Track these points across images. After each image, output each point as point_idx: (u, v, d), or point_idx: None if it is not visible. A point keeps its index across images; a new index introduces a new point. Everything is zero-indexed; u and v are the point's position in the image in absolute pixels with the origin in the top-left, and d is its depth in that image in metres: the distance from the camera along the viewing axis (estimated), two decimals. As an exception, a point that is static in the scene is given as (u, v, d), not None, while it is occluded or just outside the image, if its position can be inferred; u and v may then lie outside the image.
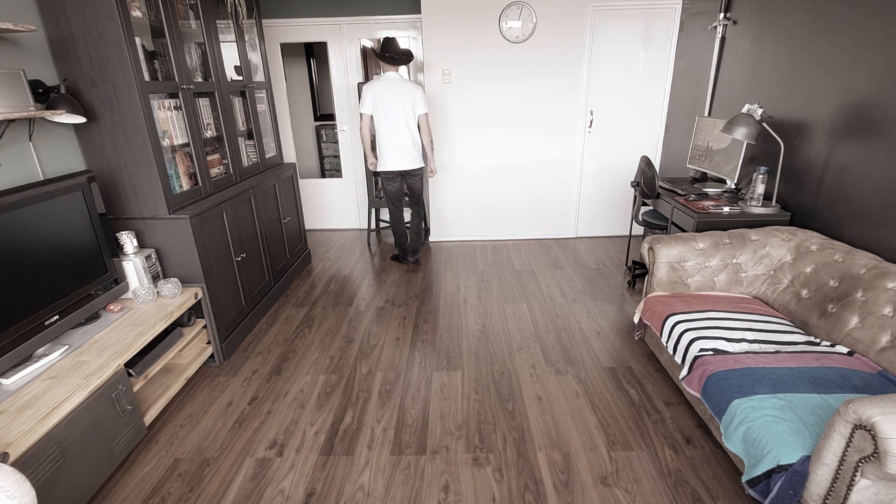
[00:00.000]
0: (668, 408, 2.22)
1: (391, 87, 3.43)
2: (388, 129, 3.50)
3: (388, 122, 3.49)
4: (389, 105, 3.45)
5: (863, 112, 2.21)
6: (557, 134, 4.29)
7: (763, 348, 1.96)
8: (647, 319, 2.42)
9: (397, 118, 3.48)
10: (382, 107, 3.46)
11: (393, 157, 3.57)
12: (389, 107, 3.45)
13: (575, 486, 1.82)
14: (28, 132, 2.06)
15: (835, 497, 1.35)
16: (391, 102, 3.44)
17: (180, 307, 2.35)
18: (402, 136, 3.53)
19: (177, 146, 2.56)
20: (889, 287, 1.85)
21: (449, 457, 1.98)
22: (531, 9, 3.90)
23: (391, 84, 3.44)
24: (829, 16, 2.40)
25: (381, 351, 2.77)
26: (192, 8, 2.69)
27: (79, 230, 2.06)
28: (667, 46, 4.03)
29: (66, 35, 2.09)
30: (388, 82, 3.44)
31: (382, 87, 3.43)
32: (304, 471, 1.93)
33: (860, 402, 1.27)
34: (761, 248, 2.42)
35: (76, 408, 1.71)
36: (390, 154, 3.56)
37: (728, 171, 2.97)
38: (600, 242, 4.48)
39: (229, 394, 2.42)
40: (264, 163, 3.48)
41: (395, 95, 3.44)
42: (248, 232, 3.02)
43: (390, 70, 3.46)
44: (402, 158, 3.58)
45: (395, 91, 3.44)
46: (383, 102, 3.45)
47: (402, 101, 3.46)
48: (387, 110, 3.46)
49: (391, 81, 3.44)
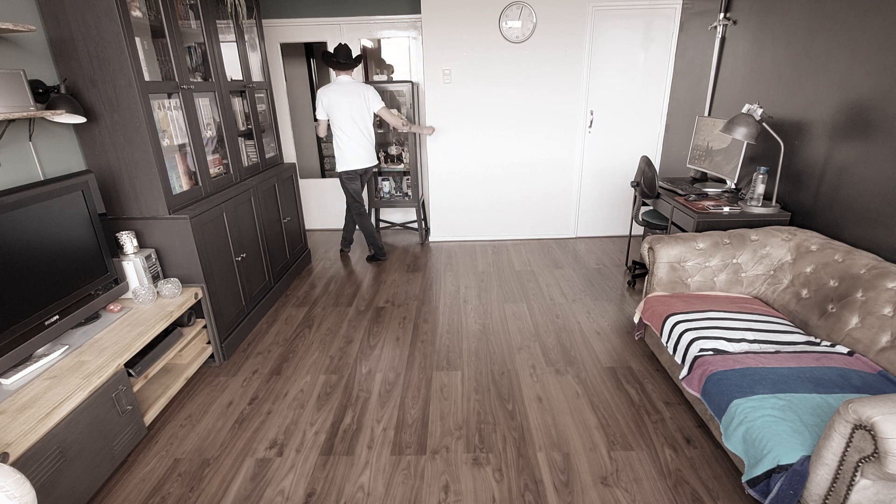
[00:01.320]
0: (668, 408, 2.22)
1: (344, 90, 3.59)
2: (346, 130, 3.65)
3: (345, 124, 3.63)
4: (345, 107, 3.60)
5: (863, 112, 2.22)
6: (557, 134, 4.29)
7: (763, 348, 1.96)
8: (647, 319, 2.42)
9: (353, 119, 3.63)
10: (338, 109, 3.60)
11: (352, 157, 3.72)
12: (344, 109, 3.60)
13: (575, 486, 1.82)
14: (28, 132, 2.06)
15: (835, 497, 1.35)
16: (346, 104, 3.59)
17: (180, 307, 2.35)
18: (358, 137, 3.69)
19: (177, 146, 2.56)
20: (889, 287, 1.85)
21: (449, 457, 1.98)
22: (531, 9, 3.90)
23: (344, 87, 3.60)
24: (829, 15, 2.40)
25: (381, 351, 2.77)
26: (192, 8, 2.69)
27: (79, 230, 2.06)
28: (667, 46, 4.03)
29: (66, 35, 2.09)
30: (340, 85, 3.60)
31: (336, 90, 3.59)
32: (304, 471, 1.93)
33: (860, 402, 1.27)
34: (761, 248, 2.42)
35: (76, 408, 1.71)
36: (350, 154, 3.71)
37: (728, 171, 2.97)
38: (600, 242, 4.48)
39: (229, 394, 2.42)
40: (264, 163, 3.48)
41: (348, 98, 3.59)
42: (248, 232, 3.02)
43: (342, 74, 3.64)
44: (361, 157, 3.75)
45: (348, 93, 3.59)
46: (339, 105, 3.59)
47: (356, 102, 3.61)
48: (342, 113, 3.61)
49: (343, 84, 3.61)
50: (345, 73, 3.65)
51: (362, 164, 3.77)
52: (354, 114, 3.63)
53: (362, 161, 3.76)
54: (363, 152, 3.75)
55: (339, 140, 3.69)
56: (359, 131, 3.68)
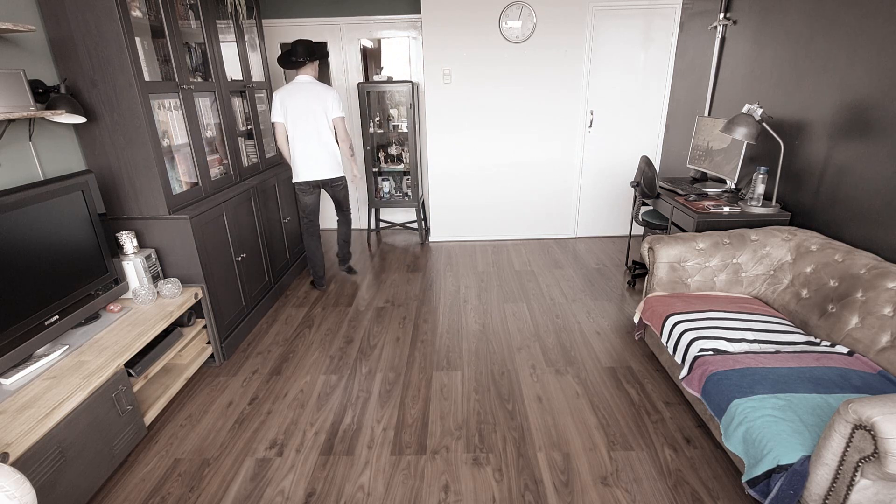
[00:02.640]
0: (668, 408, 2.22)
1: (300, 92, 3.14)
2: (299, 138, 3.20)
3: (297, 130, 3.19)
4: (299, 112, 3.16)
5: (862, 112, 2.21)
6: (557, 134, 4.29)
7: (763, 348, 1.96)
8: (647, 319, 2.42)
9: (307, 125, 3.18)
10: (292, 114, 3.16)
11: (305, 168, 3.25)
12: (299, 113, 3.16)
13: (575, 486, 1.82)
14: (28, 132, 2.06)
15: (835, 497, 1.35)
16: (300, 109, 3.16)
17: (180, 307, 2.35)
18: (313, 145, 3.23)
19: (177, 146, 2.56)
20: (889, 287, 1.85)
21: (449, 457, 1.98)
22: (531, 9, 3.90)
23: (299, 88, 3.15)
24: (829, 16, 2.40)
25: (381, 351, 2.77)
26: (192, 8, 2.69)
27: (79, 230, 2.06)
28: (667, 46, 4.03)
29: (66, 35, 2.09)
30: (296, 86, 3.16)
31: (290, 92, 3.14)
32: (304, 471, 1.93)
33: (860, 402, 1.27)
34: (761, 248, 2.42)
35: (76, 408, 1.71)
36: (302, 164, 3.24)
37: (728, 171, 2.97)
38: (600, 242, 4.48)
39: (229, 394, 2.42)
40: (264, 163, 3.48)
41: (304, 101, 3.14)
42: (248, 232, 3.02)
43: (301, 73, 3.20)
44: (314, 168, 3.26)
45: (305, 96, 3.14)
46: (292, 109, 3.15)
47: (311, 107, 3.16)
48: (296, 117, 3.16)
49: (299, 85, 3.16)
50: (303, 73, 3.19)
51: (315, 175, 3.26)
52: (308, 119, 3.17)
53: (316, 172, 3.26)
54: (316, 162, 3.25)
55: (293, 147, 3.22)
56: (312, 138, 3.21)
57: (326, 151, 3.27)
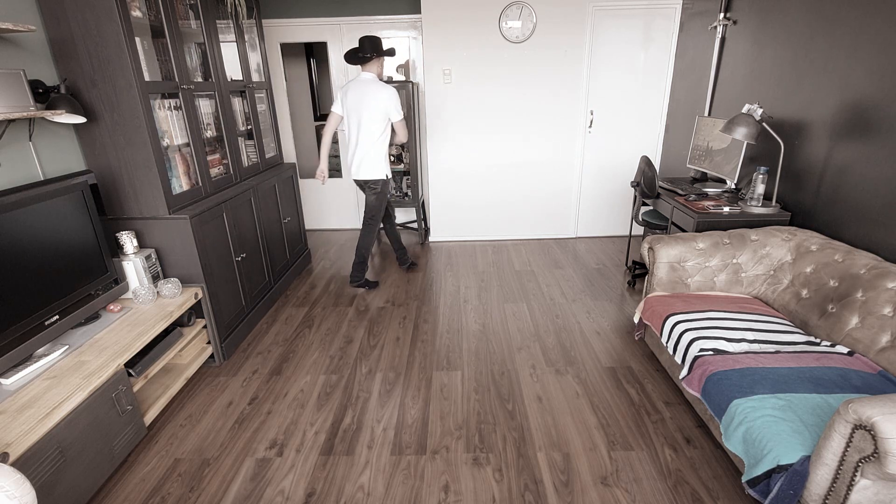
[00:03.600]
0: (668, 408, 2.22)
1: (357, 89, 3.16)
2: (348, 134, 3.28)
3: (350, 127, 3.25)
4: (350, 110, 3.20)
5: (862, 112, 2.21)
6: (557, 134, 4.29)
7: (763, 348, 1.96)
8: (647, 319, 2.42)
9: (352, 124, 3.23)
10: (348, 111, 3.21)
11: (350, 165, 3.35)
12: (350, 111, 3.21)
13: (575, 486, 1.82)
14: (28, 132, 2.06)
15: (835, 497, 1.35)
16: (352, 107, 3.18)
17: (180, 307, 2.35)
18: (352, 145, 3.28)
19: (177, 146, 2.56)
20: (889, 287, 1.85)
21: (449, 457, 1.98)
22: (531, 9, 3.90)
23: (357, 85, 3.17)
24: (829, 16, 2.40)
25: (381, 351, 2.77)
26: (192, 8, 2.69)
27: (79, 230, 2.06)
28: (667, 46, 4.03)
29: (66, 35, 2.09)
30: (355, 83, 3.18)
31: (350, 88, 3.18)
32: (304, 471, 1.93)
33: (860, 402, 1.27)
34: (761, 248, 2.42)
35: (76, 408, 1.71)
36: (349, 161, 3.34)
37: (728, 171, 2.97)
38: (600, 242, 4.48)
39: (229, 394, 2.42)
40: (264, 163, 3.48)
41: (357, 100, 3.15)
42: (248, 232, 3.02)
43: (364, 71, 3.19)
44: (354, 167, 3.31)
45: (360, 94, 3.15)
46: (349, 105, 3.19)
47: (364, 105, 3.14)
48: (348, 115, 3.22)
49: (358, 82, 3.17)
50: (366, 70, 3.18)
51: (354, 174, 3.34)
52: (353, 117, 3.20)
53: (354, 171, 3.33)
54: (356, 162, 3.29)
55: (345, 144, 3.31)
56: (353, 138, 3.25)
57: (361, 152, 3.25)
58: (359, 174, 3.32)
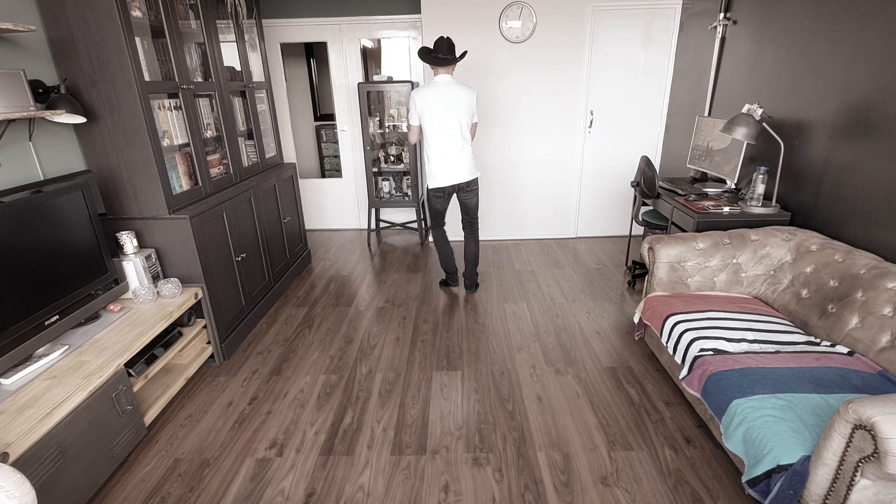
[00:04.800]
0: (668, 408, 2.22)
1: (440, 93, 2.99)
2: (439, 142, 3.06)
3: (438, 134, 3.04)
4: (440, 113, 3.00)
5: (862, 112, 2.21)
6: (557, 134, 4.29)
7: (763, 348, 1.96)
8: (647, 319, 2.42)
9: (447, 127, 3.03)
10: (430, 116, 3.01)
11: (443, 173, 3.11)
12: (440, 115, 3.00)
13: (575, 486, 1.82)
14: (28, 132, 2.06)
15: (835, 497, 1.35)
16: (442, 110, 3.00)
17: (180, 307, 2.35)
18: (455, 149, 3.08)
19: (177, 146, 2.56)
20: (889, 287, 1.85)
21: (449, 457, 1.98)
22: (531, 9, 3.90)
23: (439, 89, 2.99)
24: (829, 16, 2.40)
25: (381, 351, 2.77)
26: (192, 8, 2.69)
27: (79, 230, 2.06)
28: (667, 46, 4.03)
29: (66, 35, 2.09)
30: (435, 87, 3.00)
31: (432, 92, 2.99)
32: (304, 471, 1.93)
33: (860, 402, 1.27)
34: (761, 248, 2.42)
35: (76, 408, 1.71)
36: (440, 169, 3.11)
37: (728, 171, 2.97)
38: (600, 242, 4.48)
39: (229, 394, 2.42)
40: (264, 163, 3.48)
41: (444, 103, 2.99)
42: (247, 232, 3.02)
43: (441, 73, 3.03)
44: (455, 173, 3.12)
45: (446, 97, 2.98)
46: (431, 111, 3.00)
47: (454, 108, 3.00)
48: (436, 119, 3.01)
49: (439, 86, 3.00)
50: (444, 72, 3.02)
51: (455, 179, 3.12)
52: (451, 121, 3.01)
53: (456, 176, 3.12)
54: (458, 166, 3.11)
55: (429, 151, 3.09)
56: (455, 141, 3.07)
57: (465, 153, 3.13)
58: (464, 176, 3.15)
